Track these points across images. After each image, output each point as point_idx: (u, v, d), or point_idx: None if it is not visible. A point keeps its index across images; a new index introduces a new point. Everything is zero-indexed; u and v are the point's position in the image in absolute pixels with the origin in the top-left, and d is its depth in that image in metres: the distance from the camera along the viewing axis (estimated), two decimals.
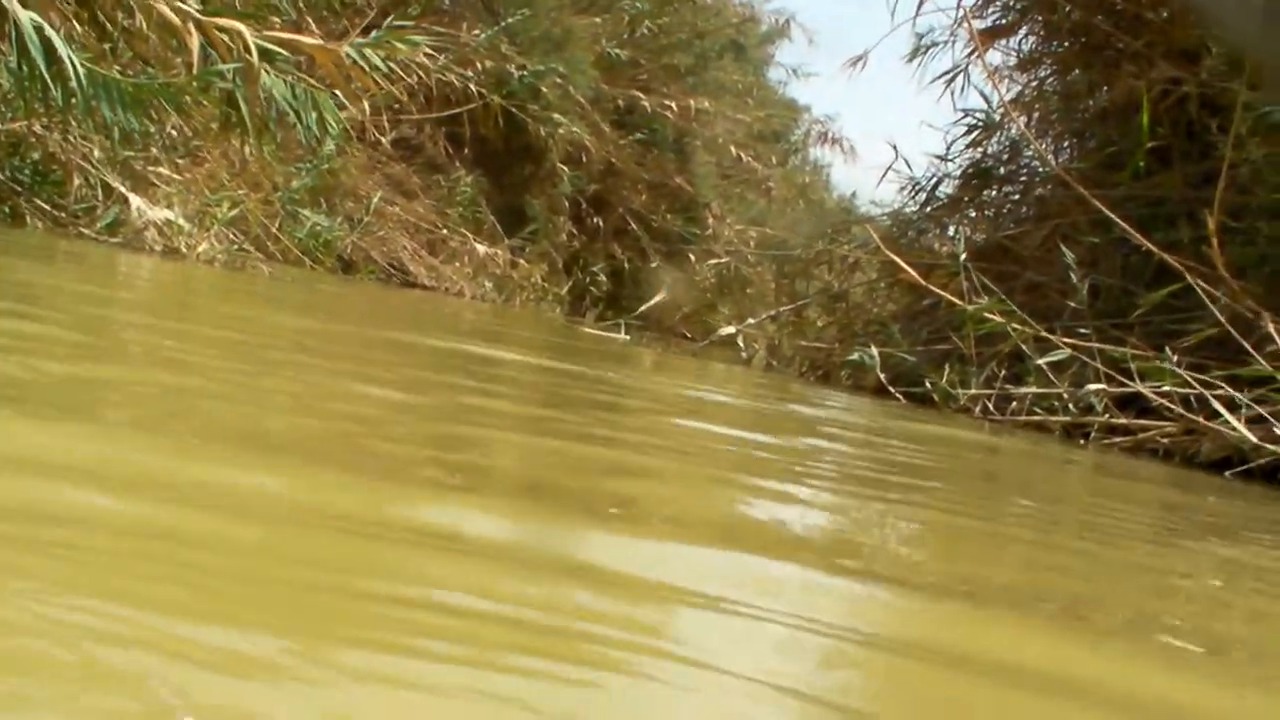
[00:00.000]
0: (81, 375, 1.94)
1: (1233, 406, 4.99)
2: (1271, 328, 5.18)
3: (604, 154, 14.71)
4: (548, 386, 3.88)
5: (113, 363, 2.16)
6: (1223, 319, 5.33)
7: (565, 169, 14.04)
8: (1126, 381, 5.36)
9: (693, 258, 13.35)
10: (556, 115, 13.45)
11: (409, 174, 12.43)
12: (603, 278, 14.96)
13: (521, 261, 13.13)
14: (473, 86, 12.35)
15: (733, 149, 16.81)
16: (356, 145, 11.69)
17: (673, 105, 15.44)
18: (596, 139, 14.41)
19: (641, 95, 15.36)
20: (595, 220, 15.30)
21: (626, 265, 15.46)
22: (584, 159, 14.31)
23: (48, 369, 1.89)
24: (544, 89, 13.28)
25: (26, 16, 4.95)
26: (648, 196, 15.89)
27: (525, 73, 13.00)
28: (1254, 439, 4.77)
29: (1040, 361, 5.61)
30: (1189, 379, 5.15)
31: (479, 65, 12.60)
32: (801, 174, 19.15)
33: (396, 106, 12.10)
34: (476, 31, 12.85)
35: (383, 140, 12.23)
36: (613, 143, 14.94)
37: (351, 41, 6.41)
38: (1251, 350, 5.13)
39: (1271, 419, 4.80)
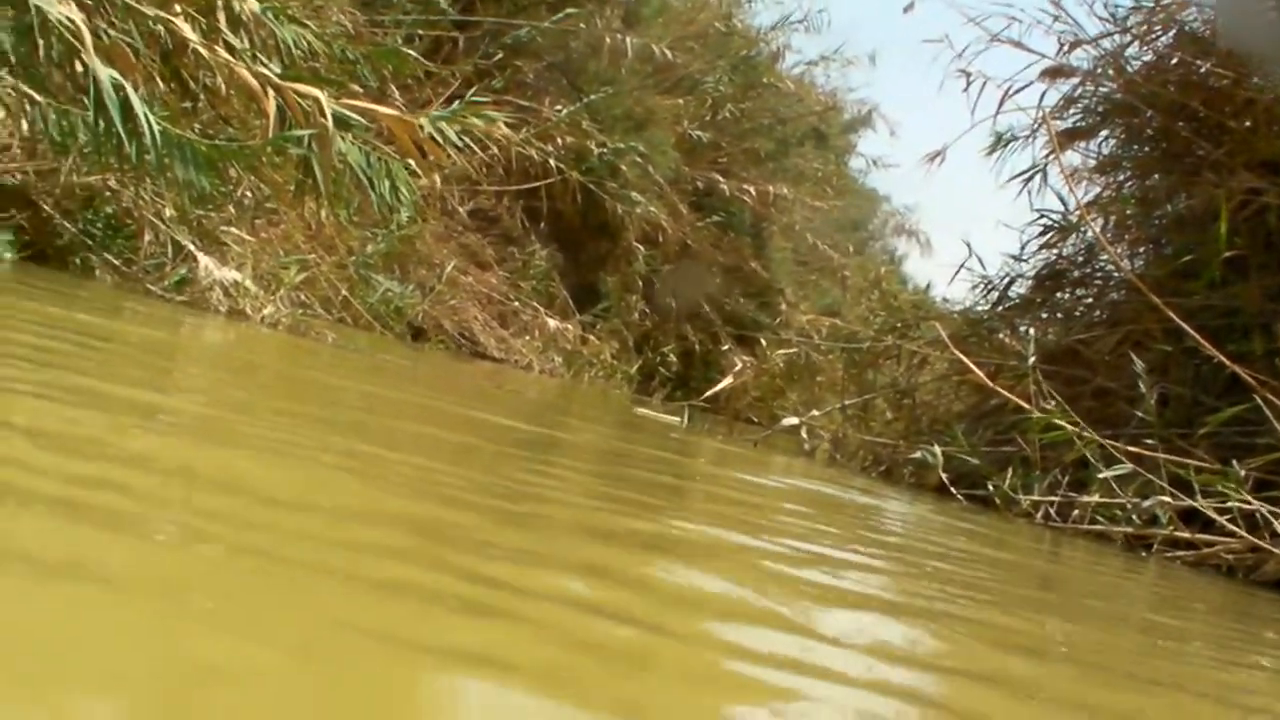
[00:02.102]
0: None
1: None
2: None
3: (680, 235, 14.73)
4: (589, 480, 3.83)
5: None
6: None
7: (640, 248, 14.08)
8: (1184, 497, 5.24)
9: (764, 343, 13.27)
10: (634, 194, 13.51)
11: (484, 245, 12.49)
12: (673, 358, 14.93)
13: (592, 338, 13.14)
14: (552, 161, 12.41)
15: (809, 236, 16.83)
16: (434, 214, 11.77)
17: (751, 190, 15.48)
18: (673, 219, 14.45)
19: (721, 178, 15.41)
20: (669, 301, 15.30)
21: (697, 347, 15.43)
22: (660, 239, 14.34)
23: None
24: (623, 167, 13.35)
25: (106, 74, 5.01)
26: (722, 279, 15.91)
27: (605, 150, 13.07)
28: None
29: (1103, 475, 5.50)
30: (1250, 498, 5.04)
31: (560, 140, 12.68)
32: (876, 264, 19.11)
33: (475, 178, 12.19)
34: (559, 107, 12.95)
35: (460, 210, 12.30)
36: (689, 224, 14.97)
37: (428, 113, 6.44)
38: None
39: None
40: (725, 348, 15.10)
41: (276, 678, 1.00)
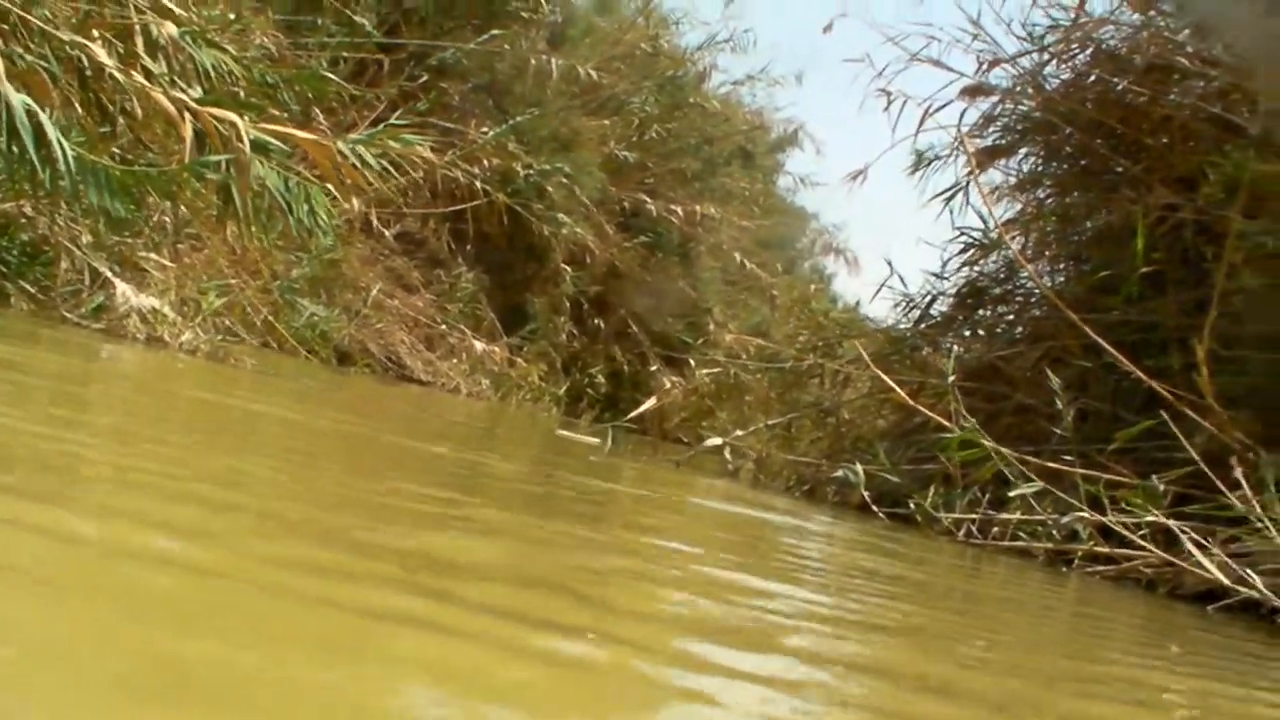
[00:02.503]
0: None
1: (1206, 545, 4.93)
2: (1238, 471, 5.13)
3: (607, 256, 14.73)
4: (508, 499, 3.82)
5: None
6: (1195, 454, 5.29)
7: (568, 269, 14.07)
8: (1099, 515, 5.29)
9: (693, 363, 13.29)
10: (561, 215, 13.50)
11: (410, 268, 12.45)
12: (601, 379, 14.92)
13: (520, 360, 13.11)
14: (478, 183, 12.41)
15: (737, 256, 16.85)
16: (359, 237, 11.72)
17: (679, 210, 15.50)
18: (600, 240, 14.45)
19: (648, 198, 15.43)
20: (596, 322, 15.29)
21: (626, 368, 15.43)
22: (587, 260, 14.34)
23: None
24: (550, 188, 13.35)
25: (18, 99, 4.96)
26: (650, 299, 15.92)
27: (531, 172, 13.07)
28: (1225, 580, 4.71)
29: (1016, 492, 5.54)
30: (1158, 516, 5.09)
31: (486, 162, 12.67)
32: (805, 283, 19.17)
33: (401, 201, 12.15)
34: (485, 129, 12.93)
35: (386, 233, 12.26)
36: (617, 245, 14.97)
37: (346, 138, 6.42)
38: (1224, 489, 5.08)
39: (1238, 561, 4.74)
40: (654, 368, 15.11)
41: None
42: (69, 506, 1.72)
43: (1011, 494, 5.57)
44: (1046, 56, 7.95)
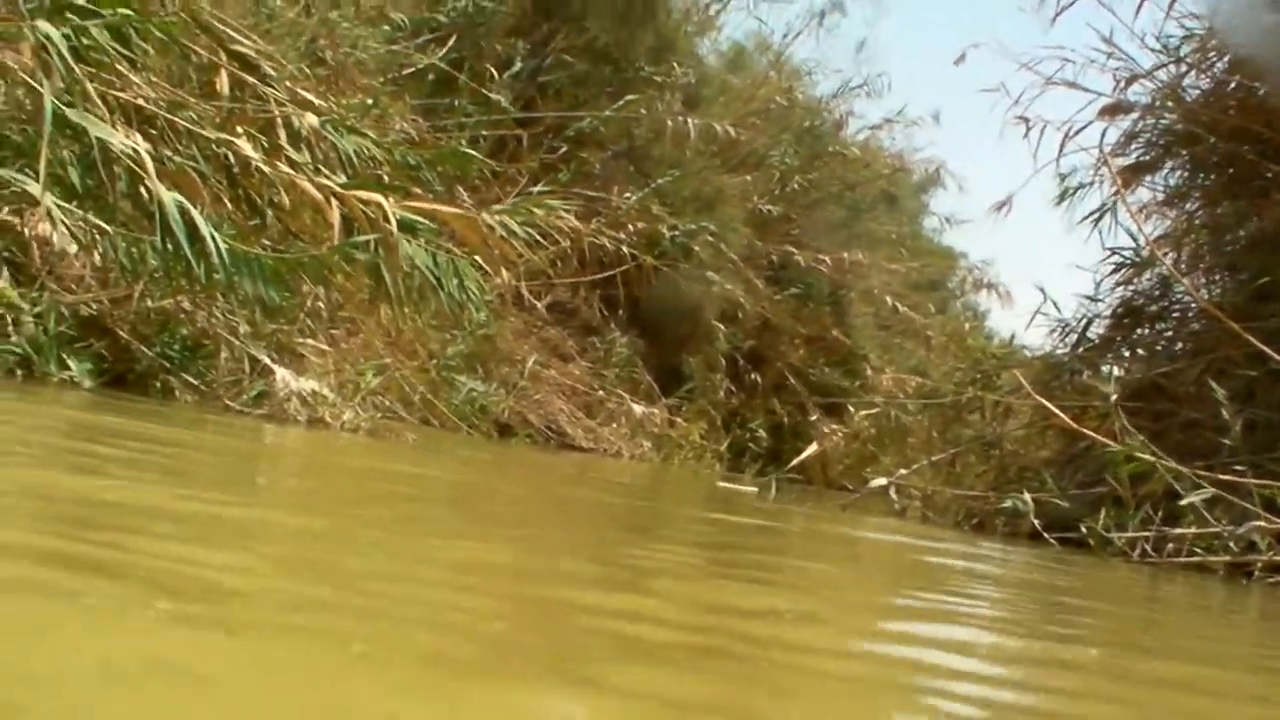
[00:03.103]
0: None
1: None
2: None
3: (759, 310, 14.72)
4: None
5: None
6: None
7: (721, 326, 14.08)
8: (1276, 521, 5.16)
9: (852, 409, 13.20)
10: (709, 273, 13.53)
11: (564, 337, 12.56)
12: (762, 433, 14.87)
13: (679, 420, 13.13)
14: (625, 248, 12.49)
15: (888, 299, 16.76)
16: (512, 310, 11.86)
17: (826, 259, 15.46)
18: (750, 295, 14.45)
19: (794, 250, 15.41)
20: (753, 376, 15.27)
21: (786, 420, 15.37)
22: (739, 316, 14.35)
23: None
24: (696, 247, 13.38)
25: (170, 197, 5.11)
26: (805, 351, 15.87)
27: (677, 232, 13.13)
28: None
29: (1187, 500, 5.43)
30: None
31: (631, 227, 12.76)
32: (959, 321, 18.98)
33: (550, 272, 12.29)
34: (627, 194, 13.03)
35: (537, 305, 12.39)
36: (767, 298, 14.97)
37: (491, 209, 6.53)
38: None
39: None
40: (814, 418, 15.02)
41: None
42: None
43: (1181, 502, 5.45)
44: (1184, 68, 7.84)
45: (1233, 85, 7.65)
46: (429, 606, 1.71)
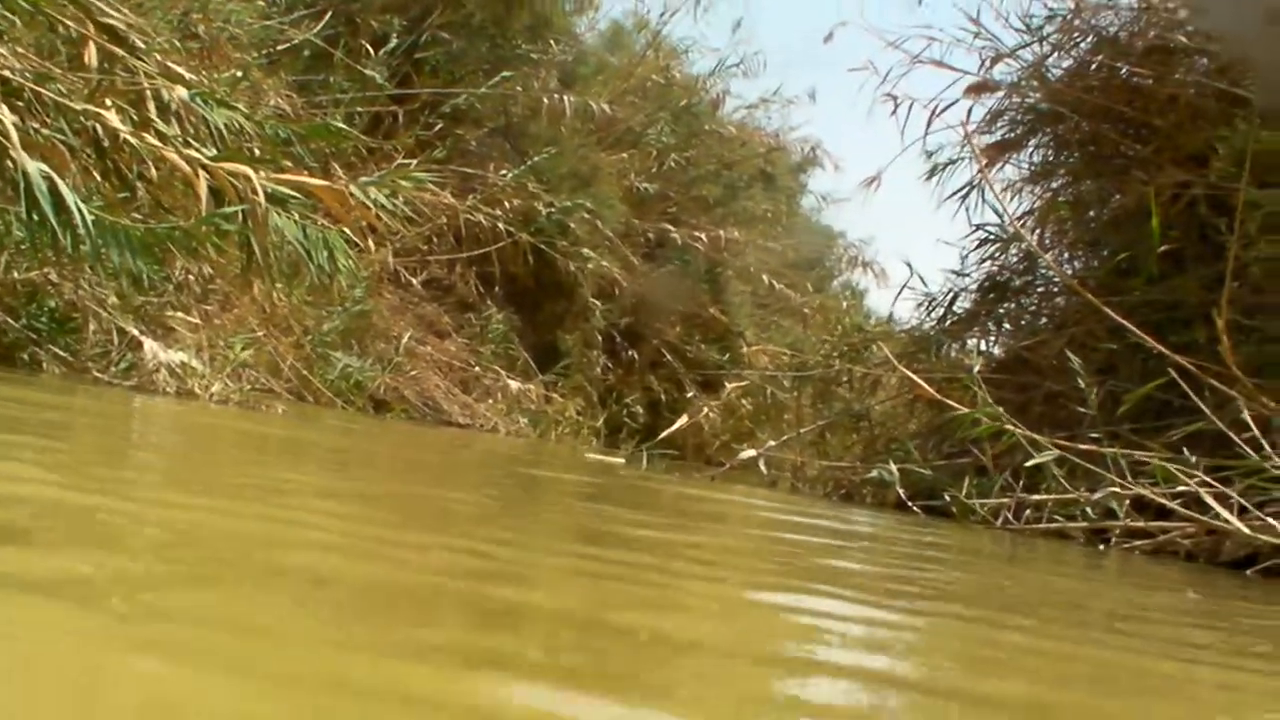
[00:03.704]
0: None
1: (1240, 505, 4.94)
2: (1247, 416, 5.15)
3: (635, 287, 14.76)
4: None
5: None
6: (1212, 415, 5.31)
7: (597, 303, 14.11)
8: (1134, 485, 5.30)
9: (728, 386, 13.28)
10: (586, 250, 13.55)
11: (441, 313, 12.51)
12: (639, 409, 14.91)
13: (556, 396, 13.14)
14: (501, 225, 12.48)
15: (765, 278, 16.86)
16: (388, 287, 11.82)
17: (703, 236, 15.53)
18: (627, 272, 14.49)
19: (671, 228, 15.47)
20: (630, 353, 15.31)
21: (663, 397, 15.43)
22: (616, 293, 14.38)
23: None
24: (572, 225, 13.39)
25: (35, 167, 5.06)
26: (682, 328, 15.94)
27: (553, 209, 13.13)
28: (1262, 537, 4.72)
29: (1036, 461, 5.56)
30: (1180, 475, 5.11)
31: (507, 204, 12.75)
32: (837, 299, 19.15)
33: (426, 248, 12.26)
34: (504, 171, 13.02)
35: (414, 282, 12.35)
36: (644, 275, 15.01)
37: (357, 181, 6.51)
38: (1241, 444, 5.10)
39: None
40: (690, 395, 15.11)
41: None
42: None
43: (1029, 464, 5.59)
44: (1048, 48, 7.99)
45: (1095, 65, 7.81)
46: None
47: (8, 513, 1.72)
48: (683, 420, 9.85)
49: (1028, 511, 5.76)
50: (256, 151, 6.79)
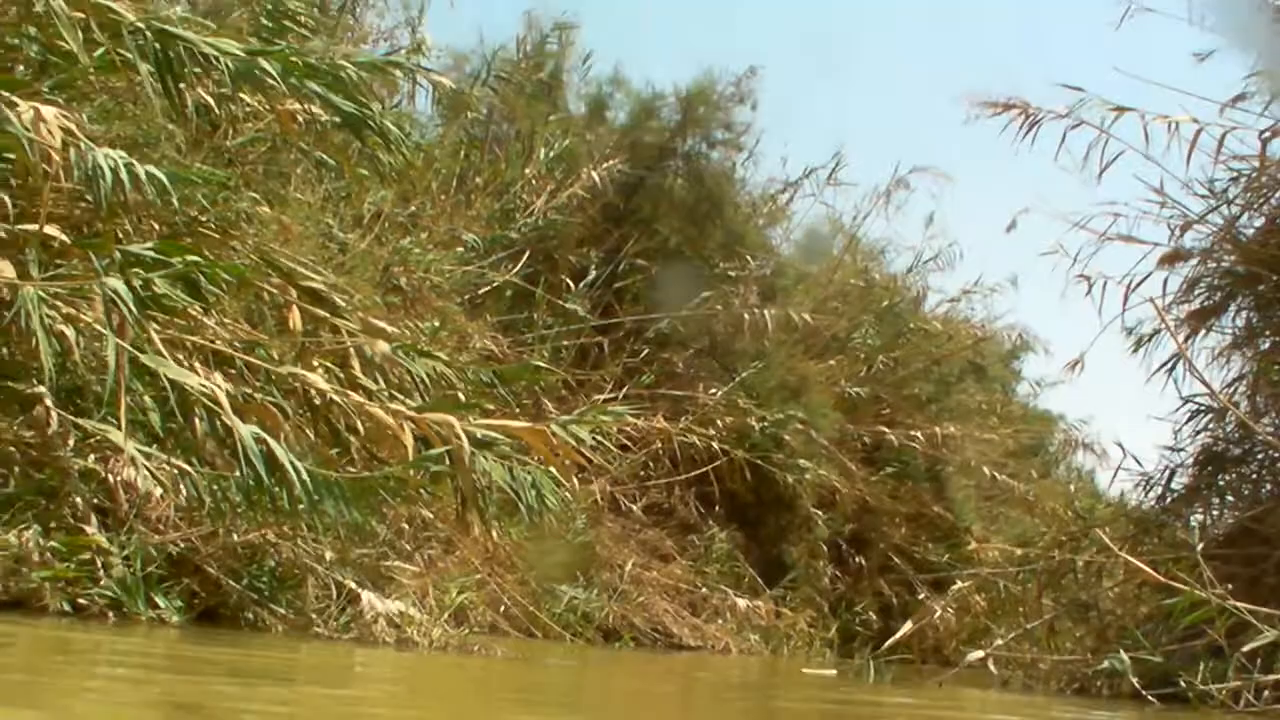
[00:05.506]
0: None
1: None
2: None
3: (856, 493, 14.66)
4: None
5: None
6: None
7: (819, 513, 14.01)
8: None
9: (959, 584, 13.03)
10: (803, 461, 13.52)
11: (663, 537, 12.56)
12: (871, 615, 14.70)
13: (785, 610, 13.02)
14: (716, 444, 12.55)
15: (986, 470, 16.59)
16: (609, 516, 11.94)
17: (919, 435, 15.40)
18: (846, 479, 14.41)
19: (887, 429, 15.38)
20: (857, 559, 15.15)
21: (894, 600, 15.19)
22: (836, 500, 14.29)
23: None
24: (787, 437, 13.40)
25: (248, 431, 5.31)
26: (907, 529, 15.73)
27: (766, 424, 13.17)
28: None
29: (1250, 646, 5.35)
30: None
31: (720, 423, 12.83)
32: (1062, 483, 18.73)
33: (643, 474, 12.39)
34: (713, 390, 13.15)
35: (634, 508, 12.44)
36: (863, 480, 14.91)
37: (556, 420, 6.66)
38: None
39: None
40: (922, 596, 14.82)
41: None
42: None
43: (1246, 647, 5.37)
44: (1237, 209, 7.87)
45: None
46: None
47: None
48: (908, 625, 9.66)
49: (1265, 693, 5.53)
50: (462, 397, 7.00)
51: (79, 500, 5.40)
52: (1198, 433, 8.03)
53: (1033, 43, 32.79)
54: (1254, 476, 8.01)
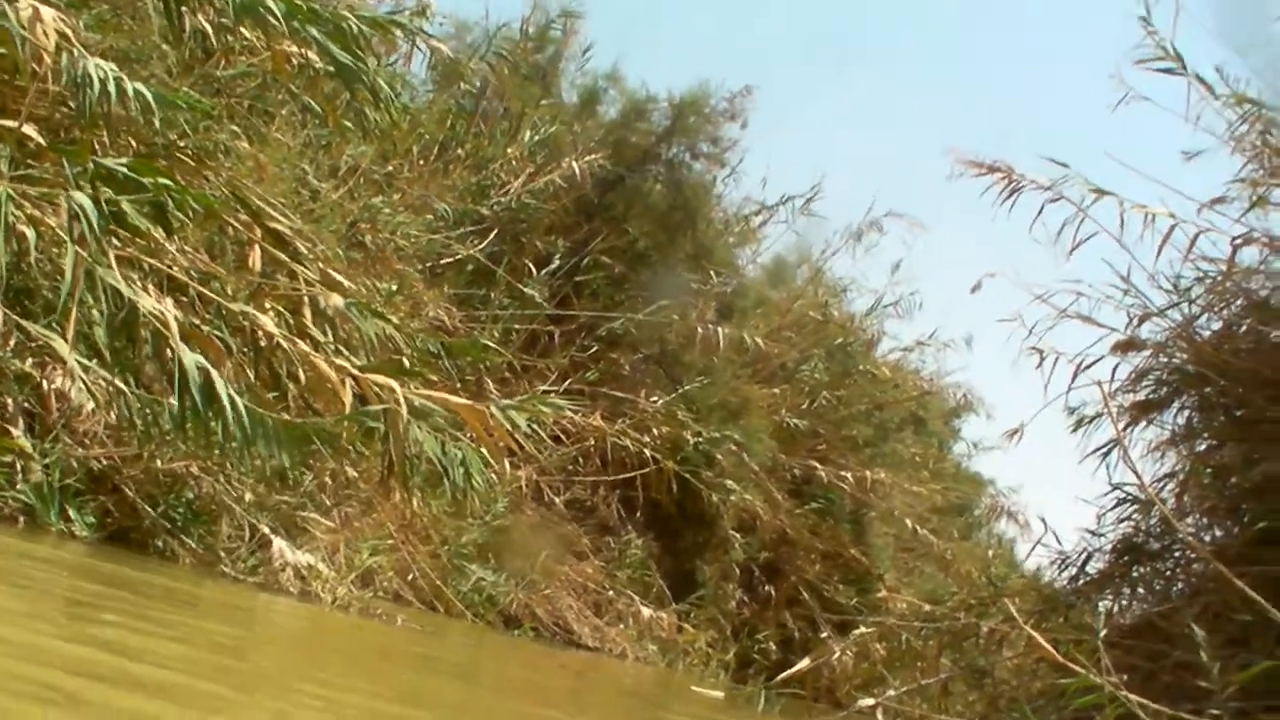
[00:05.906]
0: None
1: None
2: None
3: (777, 522, 14.71)
4: None
5: None
6: None
7: (737, 536, 14.05)
8: None
9: (863, 629, 13.09)
10: (730, 482, 13.56)
11: (580, 535, 12.58)
12: (771, 645, 14.75)
13: (688, 626, 13.06)
14: (648, 451, 12.57)
15: (909, 522, 16.67)
16: (530, 504, 11.94)
17: (850, 476, 15.46)
18: (770, 507, 14.46)
19: (819, 465, 15.44)
20: (767, 588, 15.21)
21: (797, 634, 15.24)
22: (756, 526, 14.34)
23: None
24: (719, 456, 13.44)
25: (192, 359, 5.28)
26: (822, 566, 15.78)
27: (701, 439, 13.20)
28: None
29: None
30: None
31: (656, 431, 12.86)
32: (983, 548, 18.87)
33: (571, 468, 12.40)
34: (654, 398, 13.17)
35: (556, 501, 12.46)
36: (787, 511, 14.96)
37: (498, 402, 6.67)
38: None
39: None
40: (824, 635, 14.88)
41: None
42: None
43: None
44: (1197, 309, 7.92)
45: (1244, 328, 7.72)
46: None
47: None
48: (806, 661, 9.70)
49: None
50: (407, 364, 7.00)
51: (9, 401, 5.37)
52: (1121, 521, 8.06)
53: (1030, 109, 33.02)
54: (1168, 573, 8.06)
